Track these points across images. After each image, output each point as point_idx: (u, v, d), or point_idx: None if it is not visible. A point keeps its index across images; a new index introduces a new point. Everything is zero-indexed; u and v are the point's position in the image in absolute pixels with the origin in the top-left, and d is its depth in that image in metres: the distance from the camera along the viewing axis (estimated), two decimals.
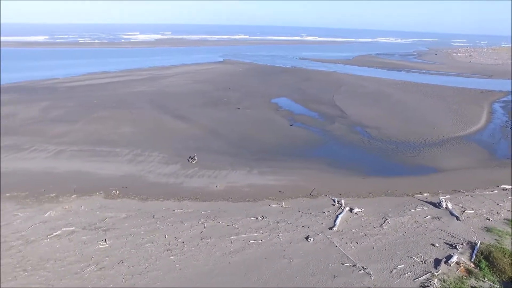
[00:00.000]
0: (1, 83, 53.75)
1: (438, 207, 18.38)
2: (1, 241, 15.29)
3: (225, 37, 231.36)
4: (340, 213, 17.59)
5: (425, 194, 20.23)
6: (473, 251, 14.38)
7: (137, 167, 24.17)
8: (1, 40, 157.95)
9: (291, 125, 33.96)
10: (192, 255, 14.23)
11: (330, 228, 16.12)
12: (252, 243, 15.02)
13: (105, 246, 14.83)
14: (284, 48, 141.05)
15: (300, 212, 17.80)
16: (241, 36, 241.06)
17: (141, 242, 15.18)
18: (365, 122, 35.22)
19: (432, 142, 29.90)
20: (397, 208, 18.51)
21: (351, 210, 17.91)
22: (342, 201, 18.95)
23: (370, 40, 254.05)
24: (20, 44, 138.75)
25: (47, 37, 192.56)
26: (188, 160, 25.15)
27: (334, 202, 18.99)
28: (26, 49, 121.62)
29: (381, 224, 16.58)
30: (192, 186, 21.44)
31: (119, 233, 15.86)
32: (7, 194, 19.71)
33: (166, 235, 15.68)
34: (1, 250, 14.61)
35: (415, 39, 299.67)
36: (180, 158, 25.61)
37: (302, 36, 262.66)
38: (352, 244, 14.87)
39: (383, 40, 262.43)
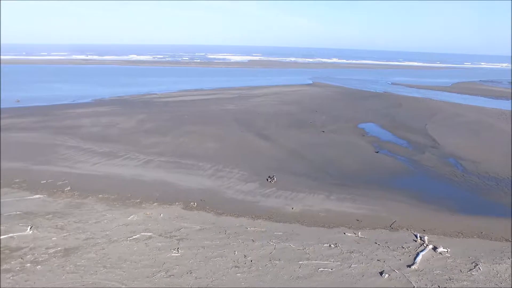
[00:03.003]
0: (109, 97, 60.27)
1: None
2: (89, 237, 16.65)
3: (317, 60, 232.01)
4: (422, 250, 16.05)
5: None
6: None
7: (217, 182, 24.85)
8: (113, 59, 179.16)
9: (377, 152, 32.41)
10: (259, 275, 14.00)
11: (409, 266, 14.74)
12: (322, 271, 14.33)
13: (177, 254, 15.31)
14: (377, 73, 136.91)
15: (377, 245, 16.62)
16: (334, 60, 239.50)
17: (211, 255, 15.37)
18: (460, 154, 32.22)
19: None
20: (492, 253, 16.34)
21: (434, 249, 16.25)
22: (425, 237, 17.30)
23: (474, 65, 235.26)
24: (129, 63, 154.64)
25: (150, 56, 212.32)
26: (267, 180, 25.19)
27: (416, 238, 17.43)
28: (133, 66, 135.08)
29: (471, 270, 14.72)
30: (267, 206, 21.36)
31: (191, 244, 16.28)
32: (100, 195, 21.63)
33: (236, 252, 15.69)
34: (88, 245, 15.89)
35: None
36: (259, 177, 25.77)
37: (399, 61, 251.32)
38: (432, 287, 13.40)
39: (489, 65, 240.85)
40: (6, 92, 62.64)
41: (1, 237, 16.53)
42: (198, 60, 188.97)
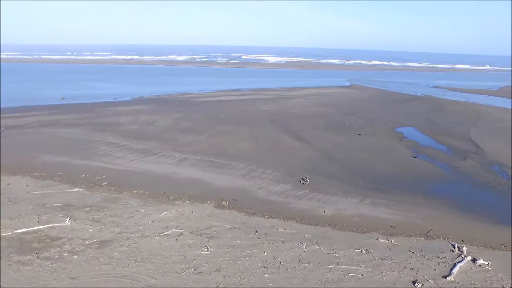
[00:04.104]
0: (147, 95, 62.01)
1: None
2: (123, 230, 17.14)
3: (356, 61, 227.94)
4: (460, 261, 15.31)
5: None
6: None
7: (249, 182, 24.89)
8: (153, 59, 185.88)
9: (415, 157, 31.33)
10: (287, 277, 13.87)
11: (444, 277, 14.09)
12: (352, 276, 14.00)
13: (206, 252, 15.45)
14: (418, 75, 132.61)
15: (411, 252, 16.03)
16: (374, 62, 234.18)
17: (240, 255, 15.40)
18: (507, 161, 30.53)
19: None
20: None
21: (473, 260, 15.45)
22: (464, 248, 16.49)
23: None
24: (167, 63, 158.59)
25: (188, 57, 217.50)
26: (300, 181, 24.97)
27: (454, 248, 16.65)
28: (171, 66, 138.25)
29: None
30: (299, 208, 21.15)
31: (221, 243, 16.38)
32: (135, 191, 22.25)
33: (265, 252, 15.63)
34: (122, 238, 16.35)
35: None
36: (292, 178, 25.60)
37: (444, 64, 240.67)
38: None
39: None
40: (52, 90, 66.06)
41: (43, 226, 17.36)
42: (236, 61, 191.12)
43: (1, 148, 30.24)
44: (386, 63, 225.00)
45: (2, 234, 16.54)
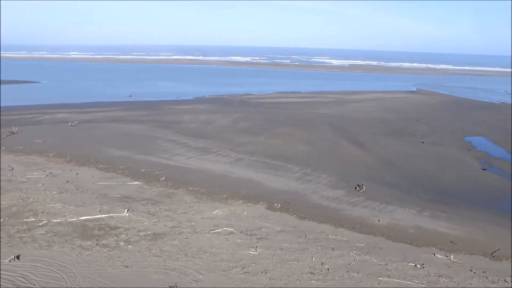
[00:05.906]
0: (209, 95, 63.91)
1: None
2: (176, 225, 17.72)
3: (422, 65, 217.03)
4: None
5: None
6: None
7: (303, 185, 24.64)
8: (215, 59, 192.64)
9: (484, 169, 29.11)
10: (334, 285, 13.50)
11: None
12: None
13: (254, 253, 15.50)
14: (494, 81, 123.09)
15: (472, 273, 14.86)
16: (443, 66, 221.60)
17: (288, 258, 15.26)
18: None
19: None
20: None
21: None
22: None
23: None
24: (229, 63, 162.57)
25: (248, 58, 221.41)
26: (355, 188, 24.24)
27: None
28: (233, 67, 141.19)
29: None
30: (352, 215, 20.54)
31: (270, 244, 16.35)
32: (190, 188, 22.97)
33: (314, 258, 15.35)
34: (174, 233, 16.92)
35: None
36: (347, 184, 24.94)
37: None
38: None
39: None
40: (121, 88, 70.41)
41: (103, 215, 18.47)
42: (297, 63, 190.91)
43: (73, 140, 32.73)
44: (458, 67, 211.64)
45: (68, 220, 17.85)
